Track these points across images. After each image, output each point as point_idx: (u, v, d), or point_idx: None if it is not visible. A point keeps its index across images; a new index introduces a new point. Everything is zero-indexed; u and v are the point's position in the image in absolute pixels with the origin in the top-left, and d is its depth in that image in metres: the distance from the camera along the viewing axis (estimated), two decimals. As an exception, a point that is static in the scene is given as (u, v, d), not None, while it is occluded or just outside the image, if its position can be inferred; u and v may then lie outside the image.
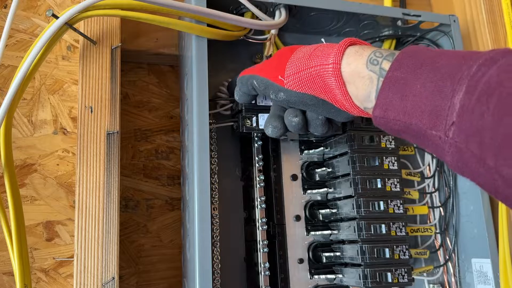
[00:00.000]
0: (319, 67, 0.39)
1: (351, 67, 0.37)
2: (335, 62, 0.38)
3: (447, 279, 0.61)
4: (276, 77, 0.43)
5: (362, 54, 0.37)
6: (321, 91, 0.40)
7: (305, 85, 0.41)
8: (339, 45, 0.39)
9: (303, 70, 0.40)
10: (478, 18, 0.69)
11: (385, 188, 0.52)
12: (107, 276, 0.45)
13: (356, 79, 0.37)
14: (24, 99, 0.55)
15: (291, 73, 0.41)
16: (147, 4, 0.46)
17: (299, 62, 0.41)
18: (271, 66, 0.44)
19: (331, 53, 0.38)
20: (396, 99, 0.33)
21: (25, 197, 0.53)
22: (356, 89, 0.37)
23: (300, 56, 0.42)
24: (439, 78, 0.31)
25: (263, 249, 0.50)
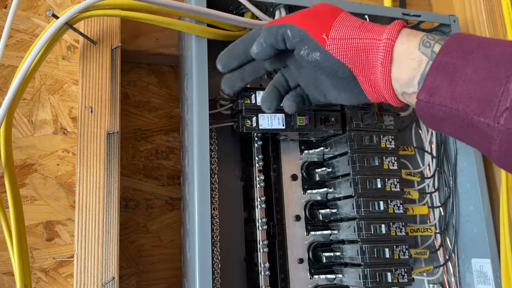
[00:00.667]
0: (370, 40, 0.37)
1: (403, 47, 0.36)
2: (389, 38, 0.36)
3: (447, 279, 0.61)
4: (319, 34, 0.39)
5: (416, 35, 0.36)
6: (360, 65, 0.38)
7: (348, 53, 0.38)
8: (393, 24, 0.37)
9: (352, 38, 0.38)
10: (478, 18, 0.69)
11: (385, 188, 0.52)
12: (107, 276, 0.46)
13: (404, 60, 0.36)
14: (24, 99, 0.55)
15: (337, 37, 0.39)
16: (147, 4, 0.46)
17: (348, 29, 0.39)
18: (313, 20, 0.40)
19: (385, 30, 0.37)
20: (444, 84, 0.32)
21: (25, 197, 0.53)
22: (400, 71, 0.36)
23: (348, 24, 0.39)
24: (493, 64, 0.30)
25: (263, 249, 0.50)
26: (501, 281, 0.55)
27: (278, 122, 0.50)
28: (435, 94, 0.33)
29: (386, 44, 0.37)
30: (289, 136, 0.55)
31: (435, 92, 0.33)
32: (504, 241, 0.58)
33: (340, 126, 0.53)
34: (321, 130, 0.52)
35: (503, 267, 0.56)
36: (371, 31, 0.38)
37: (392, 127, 0.54)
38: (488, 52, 0.32)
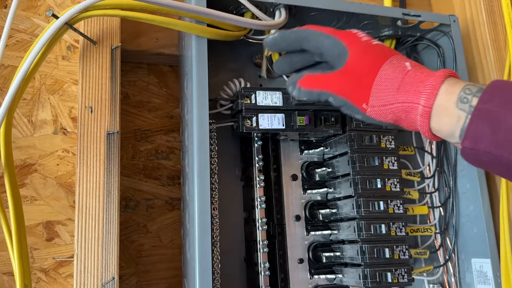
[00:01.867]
0: (408, 104, 0.38)
1: (441, 106, 0.37)
2: (426, 105, 0.37)
3: (447, 279, 0.61)
4: (359, 103, 0.41)
5: (452, 92, 0.37)
6: (401, 120, 0.40)
7: (388, 116, 0.40)
8: (432, 83, 0.38)
9: (391, 104, 0.39)
10: (478, 18, 0.69)
11: (385, 188, 0.52)
12: (107, 276, 0.46)
13: (443, 116, 0.37)
14: (24, 99, 0.55)
15: (377, 105, 0.40)
16: (147, 4, 0.46)
17: (386, 94, 0.39)
18: (352, 86, 0.41)
19: (423, 92, 0.38)
20: (487, 132, 0.34)
21: (25, 197, 0.53)
22: (439, 124, 0.37)
23: (387, 86, 0.40)
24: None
25: (263, 249, 0.50)
26: (501, 281, 0.55)
27: (278, 122, 0.50)
28: (479, 142, 0.34)
29: (424, 112, 0.38)
30: (289, 136, 0.55)
31: (479, 140, 0.34)
32: (504, 241, 0.58)
33: (340, 126, 0.52)
34: (321, 130, 0.52)
35: (503, 267, 0.56)
36: (410, 92, 0.38)
37: (392, 127, 0.54)
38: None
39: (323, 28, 0.44)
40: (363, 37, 0.43)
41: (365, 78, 0.40)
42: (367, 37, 0.43)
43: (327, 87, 0.42)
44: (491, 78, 0.66)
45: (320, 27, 0.45)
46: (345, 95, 0.41)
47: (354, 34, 0.43)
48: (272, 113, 0.50)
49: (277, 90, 0.51)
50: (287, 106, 0.51)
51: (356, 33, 0.43)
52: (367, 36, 0.43)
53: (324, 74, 0.43)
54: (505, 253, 0.57)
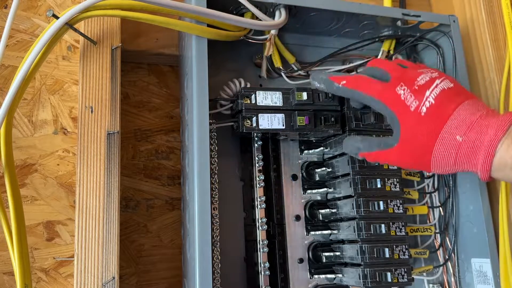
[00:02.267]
0: (467, 169, 0.41)
1: (499, 174, 0.39)
2: (484, 169, 0.39)
3: (447, 279, 0.61)
4: (424, 170, 0.44)
5: (507, 156, 0.38)
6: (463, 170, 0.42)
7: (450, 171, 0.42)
8: (484, 156, 0.39)
9: (453, 171, 0.42)
10: (478, 19, 0.69)
11: (385, 188, 0.52)
12: (107, 276, 0.46)
13: (506, 170, 0.38)
14: (25, 99, 0.56)
15: (440, 172, 0.42)
16: (147, 4, 0.46)
17: (444, 167, 0.41)
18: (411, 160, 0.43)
19: (480, 157, 0.39)
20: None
21: (25, 197, 0.53)
22: (504, 176, 0.39)
23: (443, 163, 0.41)
24: None
25: (263, 249, 0.50)
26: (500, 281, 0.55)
27: (278, 122, 0.50)
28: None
29: (483, 173, 0.39)
30: (289, 136, 0.55)
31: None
32: (504, 241, 0.58)
33: (340, 126, 0.52)
34: (321, 130, 0.52)
35: (502, 267, 0.56)
36: (466, 164, 0.40)
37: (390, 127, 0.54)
38: None
39: (372, 89, 0.45)
40: (411, 104, 0.42)
41: (422, 156, 0.42)
42: (416, 100, 0.42)
43: (391, 162, 0.46)
44: (491, 78, 0.66)
45: (369, 84, 0.45)
46: (408, 167, 0.45)
47: (403, 101, 0.43)
48: (272, 113, 0.50)
49: (277, 90, 0.51)
50: (287, 106, 0.51)
51: (404, 100, 0.43)
52: (416, 98, 0.42)
53: (382, 152, 0.45)
54: (504, 253, 0.57)
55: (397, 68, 0.46)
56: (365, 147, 0.46)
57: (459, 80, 0.60)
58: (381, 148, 0.45)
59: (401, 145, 0.43)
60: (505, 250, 0.57)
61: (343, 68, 0.62)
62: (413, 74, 0.44)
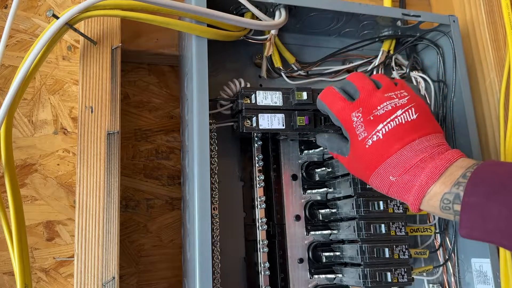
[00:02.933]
0: (400, 198, 0.43)
1: (428, 207, 0.41)
2: (414, 208, 0.42)
3: (447, 279, 0.61)
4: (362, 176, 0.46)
5: (435, 199, 0.40)
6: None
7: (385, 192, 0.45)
8: (412, 200, 0.41)
9: (385, 190, 0.44)
10: (478, 19, 0.69)
11: (385, 188, 0.52)
12: (107, 276, 0.46)
13: (433, 211, 0.41)
14: (25, 99, 0.56)
15: (374, 185, 0.45)
16: (148, 5, 0.46)
17: (380, 188, 0.44)
18: (356, 172, 0.47)
19: (410, 197, 0.41)
20: (479, 221, 0.37)
21: (25, 197, 0.53)
22: (433, 211, 0.42)
23: (378, 186, 0.44)
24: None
25: (263, 249, 0.50)
26: (500, 281, 0.55)
27: (278, 122, 0.50)
28: (473, 230, 0.38)
29: (413, 205, 0.42)
30: (289, 136, 0.55)
31: (473, 229, 0.38)
32: None
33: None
34: (321, 130, 0.52)
35: (502, 267, 0.56)
36: (397, 196, 0.43)
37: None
38: (508, 189, 0.36)
39: (334, 104, 0.46)
40: (360, 133, 0.44)
41: (362, 176, 0.46)
42: (365, 131, 0.44)
43: (344, 164, 0.49)
44: (491, 78, 0.66)
45: (332, 98, 0.47)
46: (354, 174, 0.48)
47: (354, 128, 0.44)
48: (272, 113, 0.50)
49: (277, 90, 0.51)
50: (287, 106, 0.51)
51: (355, 127, 0.44)
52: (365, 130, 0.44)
53: (341, 157, 0.48)
54: (504, 253, 0.57)
55: (368, 88, 0.46)
56: (328, 147, 0.50)
57: (458, 80, 0.60)
58: (338, 152, 0.49)
59: (349, 159, 0.47)
60: (505, 250, 0.57)
61: (343, 68, 0.62)
62: (377, 100, 0.44)
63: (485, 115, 0.67)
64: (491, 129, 0.66)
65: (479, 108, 0.68)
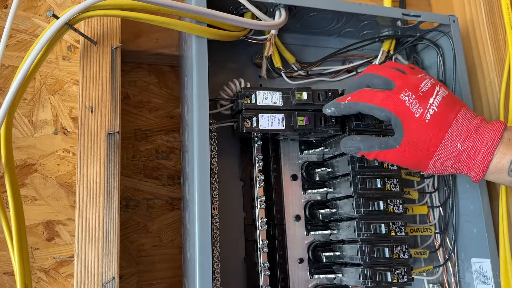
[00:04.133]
0: (461, 172, 0.45)
1: (492, 177, 0.44)
2: (480, 173, 0.43)
3: (447, 279, 0.61)
4: (419, 170, 0.47)
5: (502, 169, 0.42)
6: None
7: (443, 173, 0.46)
8: (483, 157, 0.42)
9: (448, 172, 0.45)
10: (478, 19, 0.69)
11: (385, 188, 0.52)
12: (107, 276, 0.46)
13: (497, 180, 0.44)
14: (25, 99, 0.56)
15: (434, 172, 0.46)
16: (147, 5, 0.46)
17: (442, 169, 0.45)
18: (411, 161, 0.46)
19: (477, 163, 0.43)
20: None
21: (25, 197, 0.53)
22: (497, 178, 0.44)
23: (441, 166, 0.45)
24: None
25: (263, 249, 0.50)
26: (500, 281, 0.55)
27: (278, 123, 0.50)
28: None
29: (476, 177, 0.44)
30: (289, 136, 0.55)
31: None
32: (504, 241, 0.58)
33: (340, 126, 0.53)
34: (321, 130, 0.52)
35: (502, 267, 0.56)
36: (461, 168, 0.44)
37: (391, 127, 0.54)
38: None
39: (374, 98, 0.46)
40: (416, 110, 0.44)
41: (421, 159, 0.45)
42: (420, 107, 0.44)
43: (390, 161, 0.47)
44: (491, 78, 0.66)
45: (370, 94, 0.46)
46: (407, 166, 0.47)
47: (408, 107, 0.44)
48: (272, 114, 0.50)
49: (277, 90, 0.51)
50: (287, 106, 0.51)
51: (409, 106, 0.44)
52: (421, 105, 0.44)
53: (383, 151, 0.47)
54: (504, 253, 0.57)
55: (399, 74, 0.47)
56: (366, 147, 0.47)
57: (459, 80, 0.60)
58: (381, 148, 0.46)
59: (403, 147, 0.45)
60: (505, 250, 0.57)
61: (343, 68, 0.62)
62: (416, 80, 0.46)
63: (485, 115, 0.67)
64: (491, 129, 0.66)
65: (479, 108, 0.68)
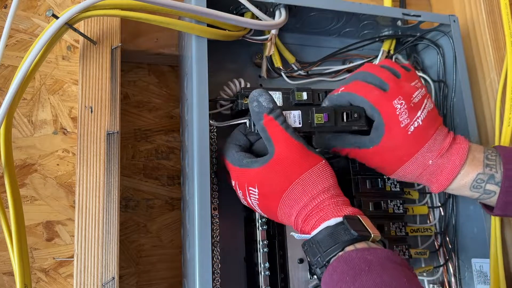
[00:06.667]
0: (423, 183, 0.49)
1: (453, 192, 0.48)
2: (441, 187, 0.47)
3: (447, 279, 0.61)
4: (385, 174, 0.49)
5: (465, 185, 0.46)
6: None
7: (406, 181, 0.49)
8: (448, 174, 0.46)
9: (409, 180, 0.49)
10: (478, 18, 0.69)
11: (385, 188, 0.52)
12: (107, 276, 0.46)
13: (458, 192, 0.48)
14: (24, 99, 0.56)
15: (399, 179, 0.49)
16: (147, 4, 0.46)
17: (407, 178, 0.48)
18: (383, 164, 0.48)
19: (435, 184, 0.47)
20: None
21: (25, 197, 0.53)
22: (457, 192, 0.48)
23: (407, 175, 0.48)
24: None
25: (263, 249, 0.50)
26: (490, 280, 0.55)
27: (294, 120, 0.46)
28: (507, 210, 0.46)
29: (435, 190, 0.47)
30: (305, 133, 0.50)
31: (506, 209, 0.46)
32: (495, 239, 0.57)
33: (365, 121, 0.47)
34: (343, 127, 0.47)
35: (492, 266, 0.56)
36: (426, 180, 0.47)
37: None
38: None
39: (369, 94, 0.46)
40: (403, 120, 0.45)
41: (391, 165, 0.47)
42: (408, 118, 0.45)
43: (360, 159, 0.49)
44: (491, 78, 0.66)
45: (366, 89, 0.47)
46: (373, 167, 0.49)
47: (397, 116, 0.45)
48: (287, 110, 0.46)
49: (277, 90, 0.51)
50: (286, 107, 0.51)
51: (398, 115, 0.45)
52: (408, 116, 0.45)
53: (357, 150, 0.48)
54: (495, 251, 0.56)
55: (394, 78, 0.47)
56: (339, 144, 0.49)
57: (459, 80, 0.60)
58: (354, 147, 0.47)
59: (376, 150, 0.46)
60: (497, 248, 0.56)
61: (343, 68, 0.62)
62: (410, 89, 0.46)
63: (485, 115, 0.67)
64: (491, 129, 0.66)
65: (479, 108, 0.67)
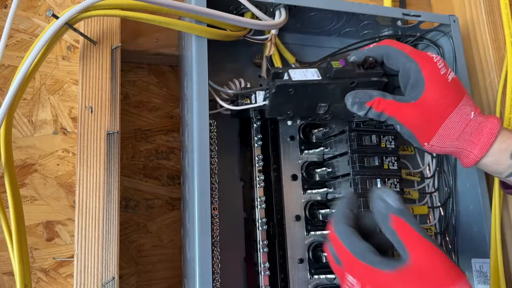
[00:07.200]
0: (463, 150, 0.44)
1: (491, 158, 0.43)
2: (478, 155, 0.43)
3: (447, 279, 0.61)
4: (422, 140, 0.44)
5: (506, 149, 0.42)
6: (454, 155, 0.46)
7: (443, 153, 0.45)
8: (486, 137, 0.42)
9: (449, 147, 0.44)
10: (478, 18, 0.69)
11: (385, 188, 0.52)
12: (107, 276, 0.46)
13: (493, 164, 0.43)
14: (24, 99, 0.56)
15: (436, 146, 0.44)
16: (147, 4, 0.46)
17: (447, 140, 0.44)
18: (421, 123, 0.43)
19: (479, 142, 0.43)
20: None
21: (25, 197, 0.53)
22: (487, 166, 0.44)
23: (449, 134, 0.43)
24: None
25: (263, 249, 0.50)
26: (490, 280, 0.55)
27: (313, 74, 0.45)
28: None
29: (475, 159, 0.43)
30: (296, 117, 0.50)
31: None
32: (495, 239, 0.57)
33: (382, 70, 0.46)
34: (362, 74, 0.45)
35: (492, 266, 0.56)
36: (467, 141, 0.43)
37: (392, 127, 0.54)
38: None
39: (405, 47, 0.45)
40: (441, 68, 0.44)
41: (434, 120, 0.43)
42: (445, 67, 0.44)
43: (399, 117, 0.44)
44: (491, 78, 0.66)
45: (400, 44, 0.46)
46: (412, 129, 0.44)
47: (435, 63, 0.44)
48: (303, 68, 0.46)
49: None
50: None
51: (436, 62, 0.44)
52: (445, 66, 0.44)
53: (397, 102, 0.44)
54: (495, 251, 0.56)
55: (417, 51, 0.46)
56: (379, 94, 0.44)
57: (459, 80, 0.60)
58: (395, 99, 0.44)
59: (419, 103, 0.43)
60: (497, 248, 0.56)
61: (343, 68, 0.62)
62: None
63: (485, 115, 0.67)
64: (491, 129, 0.66)
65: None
